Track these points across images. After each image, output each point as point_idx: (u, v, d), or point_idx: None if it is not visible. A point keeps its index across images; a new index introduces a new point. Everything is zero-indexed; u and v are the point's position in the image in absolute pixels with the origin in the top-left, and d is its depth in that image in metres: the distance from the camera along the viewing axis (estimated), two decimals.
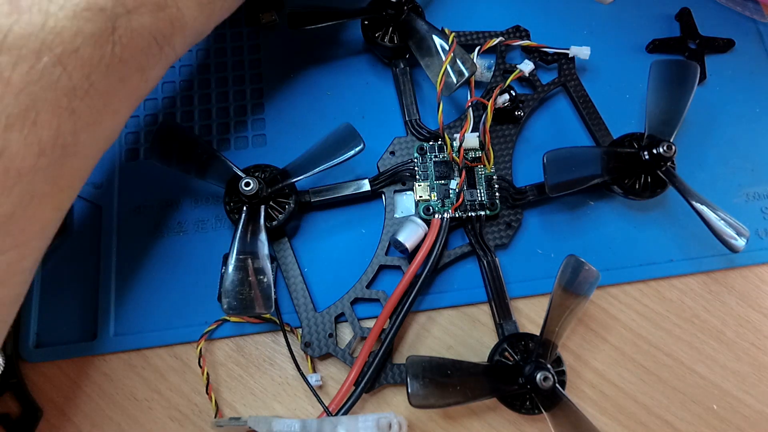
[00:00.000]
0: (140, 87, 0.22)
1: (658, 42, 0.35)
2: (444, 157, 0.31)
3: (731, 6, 0.37)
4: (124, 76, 0.21)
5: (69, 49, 0.18)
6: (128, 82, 0.21)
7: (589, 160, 0.29)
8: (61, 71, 0.18)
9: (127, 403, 0.28)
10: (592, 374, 0.29)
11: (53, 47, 0.18)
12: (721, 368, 0.29)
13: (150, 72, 0.22)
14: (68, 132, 0.19)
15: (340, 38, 0.35)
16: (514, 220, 0.30)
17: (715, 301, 0.30)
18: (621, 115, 0.33)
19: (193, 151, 0.28)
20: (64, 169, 0.20)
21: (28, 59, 0.18)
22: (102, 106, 0.20)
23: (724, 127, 0.34)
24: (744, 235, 0.28)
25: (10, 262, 0.20)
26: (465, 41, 0.34)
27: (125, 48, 0.20)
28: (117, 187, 0.31)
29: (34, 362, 0.28)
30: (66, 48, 0.18)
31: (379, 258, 0.29)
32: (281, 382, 0.28)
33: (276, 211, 0.28)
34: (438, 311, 0.30)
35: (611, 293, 0.30)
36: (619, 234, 0.31)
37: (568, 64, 0.34)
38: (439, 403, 0.24)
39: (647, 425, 0.28)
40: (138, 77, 0.22)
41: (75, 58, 0.19)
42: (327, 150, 0.28)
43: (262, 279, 0.26)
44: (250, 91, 0.34)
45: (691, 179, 0.30)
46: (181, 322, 0.29)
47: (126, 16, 0.20)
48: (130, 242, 0.30)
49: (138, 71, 0.21)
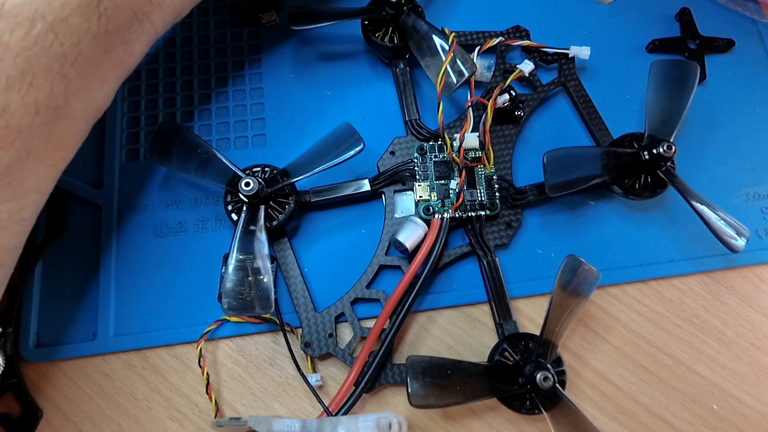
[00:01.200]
0: (125, 59, 0.24)
1: (658, 42, 0.35)
2: (444, 157, 0.31)
3: (731, 6, 0.37)
4: (109, 48, 0.23)
5: (59, 17, 0.20)
6: (113, 53, 0.23)
7: (589, 160, 0.29)
8: (53, 38, 0.20)
9: (127, 403, 0.28)
10: (592, 374, 0.29)
11: (45, 15, 0.20)
12: (721, 368, 0.29)
13: (133, 46, 0.24)
14: (60, 95, 0.21)
15: (340, 38, 0.35)
16: (514, 220, 0.30)
17: (715, 301, 0.30)
18: (621, 115, 0.33)
19: (193, 151, 0.28)
20: (57, 130, 0.22)
21: (24, 25, 0.20)
22: (90, 73, 0.22)
23: (724, 127, 0.34)
24: (744, 235, 0.28)
25: (10, 212, 0.22)
26: (465, 41, 0.34)
27: (109, 20, 0.22)
28: (117, 187, 0.31)
29: (34, 362, 0.28)
30: (57, 16, 0.20)
31: (379, 258, 0.29)
32: (281, 382, 0.28)
33: (276, 211, 0.28)
34: (438, 311, 0.30)
35: (611, 293, 0.30)
36: (619, 234, 0.31)
37: (568, 64, 0.34)
38: (439, 403, 0.24)
39: (647, 425, 0.28)
40: (122, 50, 0.24)
41: (65, 26, 0.21)
42: (327, 150, 0.28)
43: (262, 279, 0.26)
44: (250, 91, 0.34)
45: (691, 179, 0.30)
46: (181, 322, 0.29)
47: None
48: (130, 242, 0.30)
49: (122, 44, 0.23)
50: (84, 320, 0.29)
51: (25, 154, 0.21)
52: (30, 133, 0.21)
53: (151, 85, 0.34)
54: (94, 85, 0.23)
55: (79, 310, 0.29)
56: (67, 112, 0.22)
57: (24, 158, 0.21)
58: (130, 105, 0.33)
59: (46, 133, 0.21)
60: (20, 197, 0.22)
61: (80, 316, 0.29)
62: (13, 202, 0.21)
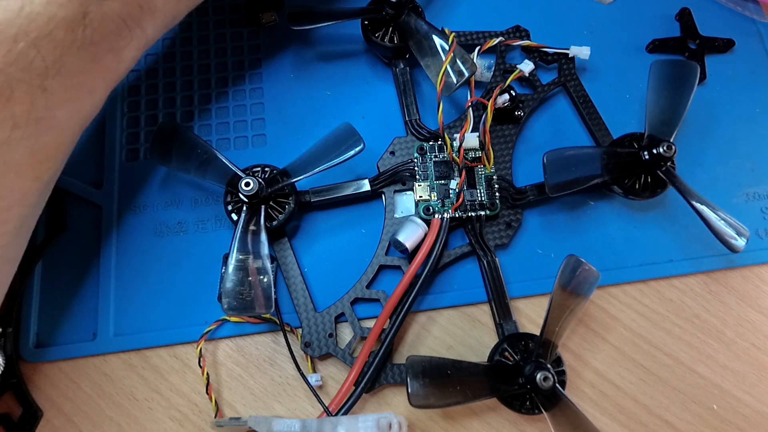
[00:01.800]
0: (114, 67, 0.23)
1: (658, 42, 0.35)
2: (444, 157, 0.31)
3: (731, 6, 0.37)
4: (95, 57, 0.22)
5: (43, 33, 0.20)
6: (101, 62, 0.22)
7: (589, 160, 0.29)
8: (35, 54, 0.20)
9: (127, 403, 0.28)
10: (592, 374, 0.29)
11: (29, 32, 0.19)
12: (721, 368, 0.29)
13: (122, 53, 0.23)
14: (41, 107, 0.21)
15: (340, 38, 0.35)
16: (514, 220, 0.30)
17: (715, 301, 0.30)
18: (621, 115, 0.33)
19: (193, 151, 0.28)
20: (41, 141, 0.21)
21: (6, 43, 0.19)
22: (76, 84, 0.22)
23: (724, 127, 0.34)
24: (744, 235, 0.28)
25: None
26: (465, 41, 0.34)
27: (96, 30, 0.21)
28: (117, 187, 0.31)
29: (34, 362, 0.28)
30: (40, 32, 0.20)
31: (379, 258, 0.29)
32: (281, 382, 0.28)
33: (276, 211, 0.28)
34: (438, 311, 0.30)
35: (611, 293, 0.30)
36: (619, 234, 0.31)
37: (568, 64, 0.34)
38: (439, 403, 0.24)
39: (647, 425, 0.28)
40: (111, 57, 0.23)
41: (48, 41, 0.20)
42: (327, 150, 0.28)
43: (262, 279, 0.26)
44: (250, 91, 0.34)
45: (691, 179, 0.30)
46: (181, 322, 0.29)
47: (97, 2, 0.21)
48: (130, 242, 0.30)
49: (110, 52, 0.23)
50: (84, 320, 0.29)
51: (6, 168, 0.20)
52: (9, 146, 0.20)
53: (151, 85, 0.34)
54: (80, 95, 0.22)
55: (79, 310, 0.29)
56: (51, 124, 0.21)
57: (4, 172, 0.20)
58: (130, 105, 0.33)
59: (29, 146, 0.21)
60: (3, 211, 0.21)
61: (80, 316, 0.29)
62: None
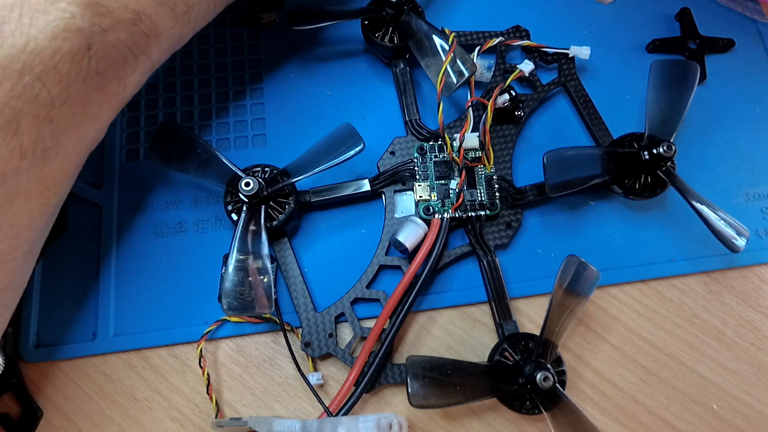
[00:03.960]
0: (119, 93, 0.24)
1: (658, 42, 0.35)
2: (444, 157, 0.31)
3: (731, 6, 0.37)
4: (100, 85, 0.22)
5: (48, 66, 0.20)
6: (106, 89, 0.23)
7: (589, 160, 0.29)
8: (40, 87, 0.20)
9: (127, 403, 0.28)
10: (592, 374, 0.29)
11: (34, 66, 0.20)
12: (721, 368, 0.29)
13: (127, 79, 0.24)
14: (48, 136, 0.21)
15: (340, 38, 0.35)
16: (514, 220, 0.30)
17: (715, 301, 0.30)
18: (621, 115, 0.33)
19: (193, 151, 0.28)
20: (48, 169, 0.22)
21: (12, 78, 0.19)
22: (81, 112, 0.22)
23: (724, 127, 0.34)
24: (744, 235, 0.28)
25: (2, 252, 0.22)
26: (465, 41, 0.34)
27: (101, 61, 0.22)
28: (117, 187, 0.31)
29: (34, 362, 0.28)
30: (46, 66, 0.20)
31: (379, 258, 0.29)
32: (281, 382, 0.28)
33: (276, 211, 0.28)
34: (438, 311, 0.30)
35: (611, 293, 0.30)
36: (619, 234, 0.31)
37: (568, 64, 0.34)
38: (439, 403, 0.24)
39: (647, 425, 0.28)
40: (115, 84, 0.23)
41: (53, 74, 0.20)
42: (327, 150, 0.28)
43: (262, 279, 0.26)
44: (250, 91, 0.34)
45: (691, 179, 0.30)
46: (181, 322, 0.29)
47: (101, 34, 0.21)
48: (130, 242, 0.30)
49: (115, 79, 0.23)
50: (84, 320, 0.29)
51: (14, 196, 0.21)
52: (16, 175, 0.21)
53: (151, 85, 0.34)
54: (85, 122, 0.23)
55: (79, 310, 0.29)
56: (58, 152, 0.22)
57: (12, 200, 0.21)
58: (130, 105, 0.33)
59: (36, 173, 0.21)
60: (12, 237, 0.22)
61: (80, 316, 0.29)
62: (5, 243, 0.21)
